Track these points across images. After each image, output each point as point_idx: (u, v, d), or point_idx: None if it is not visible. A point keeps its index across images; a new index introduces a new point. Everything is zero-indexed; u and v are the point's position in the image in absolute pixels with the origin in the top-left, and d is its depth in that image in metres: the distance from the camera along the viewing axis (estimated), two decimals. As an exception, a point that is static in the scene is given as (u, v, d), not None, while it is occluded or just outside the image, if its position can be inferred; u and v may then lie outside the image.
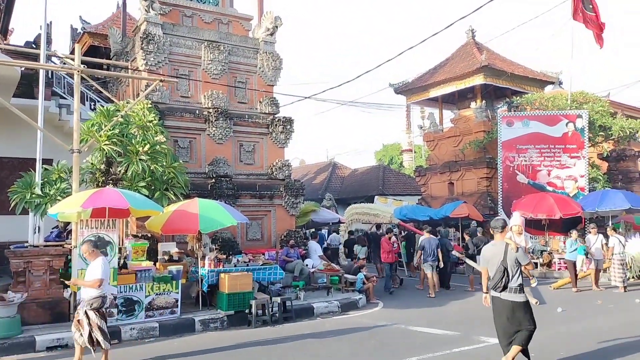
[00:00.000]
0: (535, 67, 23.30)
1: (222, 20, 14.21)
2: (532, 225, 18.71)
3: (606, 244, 13.40)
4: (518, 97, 21.72)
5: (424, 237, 13.89)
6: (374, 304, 11.80)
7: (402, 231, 18.60)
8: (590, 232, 13.92)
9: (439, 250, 13.41)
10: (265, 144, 14.04)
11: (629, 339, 7.57)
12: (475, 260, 15.32)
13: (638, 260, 13.88)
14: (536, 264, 17.60)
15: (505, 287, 6.01)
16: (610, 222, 15.69)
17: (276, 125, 13.99)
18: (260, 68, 14.24)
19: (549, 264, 17.28)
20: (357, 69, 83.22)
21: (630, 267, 13.75)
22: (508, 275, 6.00)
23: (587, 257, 13.15)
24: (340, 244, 20.42)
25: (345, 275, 12.62)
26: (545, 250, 17.65)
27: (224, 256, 11.07)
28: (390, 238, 13.96)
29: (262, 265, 11.00)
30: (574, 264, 13.21)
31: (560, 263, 17.05)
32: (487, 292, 6.29)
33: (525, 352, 6.03)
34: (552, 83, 23.30)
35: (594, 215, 16.65)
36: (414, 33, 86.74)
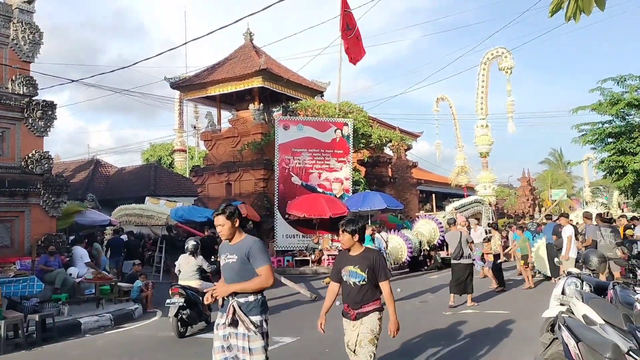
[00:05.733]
0: (308, 76, 24.81)
1: (-40, -26, 11.38)
2: (305, 225, 19.82)
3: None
4: (293, 103, 22.74)
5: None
6: (152, 313, 10.78)
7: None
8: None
9: None
10: (19, 131, 11.65)
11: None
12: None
13: (394, 253, 15.72)
14: (308, 261, 18.65)
15: (461, 256, 10.24)
16: (369, 221, 17.46)
17: (34, 109, 11.73)
18: (13, 40, 11.79)
19: (319, 261, 18.45)
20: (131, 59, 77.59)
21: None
22: (462, 249, 10.23)
23: None
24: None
25: (119, 284, 11.28)
26: (317, 248, 18.78)
27: (-42, 268, 8.78)
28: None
29: (13, 277, 9.11)
30: None
31: (329, 259, 18.37)
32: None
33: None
34: (322, 93, 25.12)
35: (356, 214, 18.37)
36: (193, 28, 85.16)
